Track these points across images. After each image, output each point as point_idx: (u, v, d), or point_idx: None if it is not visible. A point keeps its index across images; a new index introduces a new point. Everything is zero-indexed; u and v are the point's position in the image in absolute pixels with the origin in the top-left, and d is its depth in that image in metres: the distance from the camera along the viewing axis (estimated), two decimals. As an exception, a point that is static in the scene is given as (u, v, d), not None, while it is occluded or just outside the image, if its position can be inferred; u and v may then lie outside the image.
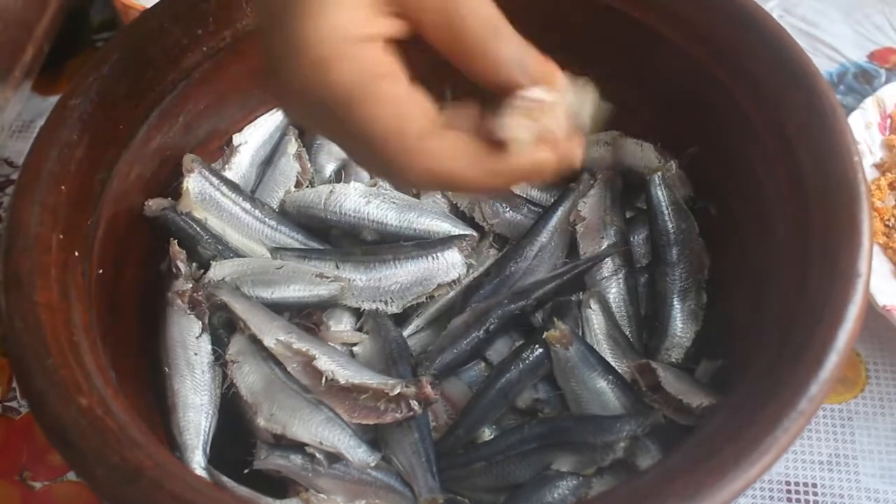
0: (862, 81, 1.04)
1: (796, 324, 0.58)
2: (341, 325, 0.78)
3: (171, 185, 0.78)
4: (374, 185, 0.83)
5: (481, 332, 0.74)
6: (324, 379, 0.68)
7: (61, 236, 0.63)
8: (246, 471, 0.69)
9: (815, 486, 0.79)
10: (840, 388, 0.84)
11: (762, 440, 0.52)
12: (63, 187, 0.65)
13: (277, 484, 0.70)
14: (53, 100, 1.04)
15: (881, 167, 0.92)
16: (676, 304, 0.77)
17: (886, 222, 0.88)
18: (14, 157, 1.02)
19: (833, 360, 0.55)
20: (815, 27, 1.09)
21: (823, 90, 0.66)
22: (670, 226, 0.78)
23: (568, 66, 0.83)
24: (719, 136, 0.75)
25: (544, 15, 0.81)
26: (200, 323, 0.73)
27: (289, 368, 0.70)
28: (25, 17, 0.99)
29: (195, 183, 0.78)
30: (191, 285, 0.73)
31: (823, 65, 1.05)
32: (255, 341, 0.71)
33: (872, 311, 0.81)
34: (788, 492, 0.78)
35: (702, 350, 0.76)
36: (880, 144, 0.93)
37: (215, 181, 0.79)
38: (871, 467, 0.79)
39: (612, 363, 0.73)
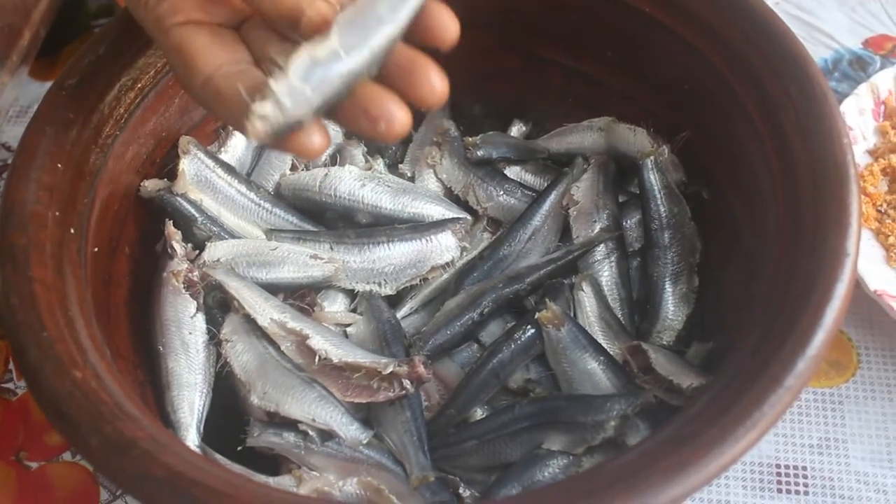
0: (857, 68, 1.04)
1: (785, 303, 0.58)
2: (335, 307, 0.78)
3: (167, 167, 0.79)
4: (369, 168, 0.84)
5: (475, 314, 0.75)
6: (317, 358, 0.69)
7: (57, 213, 0.63)
8: (239, 448, 0.69)
9: (804, 468, 0.79)
10: (832, 372, 0.84)
11: (749, 415, 0.53)
12: (59, 166, 0.65)
13: (270, 462, 0.71)
14: (51, 85, 1.05)
15: (874, 153, 0.93)
16: (668, 287, 0.77)
17: (879, 208, 0.89)
18: (11, 143, 1.02)
19: (820, 338, 0.55)
20: (811, 14, 1.09)
21: (815, 75, 0.66)
22: (662, 210, 0.79)
23: (563, 52, 0.85)
24: (712, 120, 0.76)
25: (536, 2, 0.82)
26: (195, 303, 0.73)
27: (282, 347, 0.71)
28: (22, 1, 0.99)
29: (191, 165, 0.78)
30: (186, 265, 0.74)
31: (818, 51, 1.05)
32: (250, 321, 0.72)
33: (864, 296, 0.82)
34: (778, 475, 0.79)
35: (693, 333, 0.77)
36: (874, 130, 0.94)
37: (211, 163, 0.79)
38: (861, 451, 0.80)
39: (604, 345, 0.74)
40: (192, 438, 0.70)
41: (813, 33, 1.07)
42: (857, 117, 0.93)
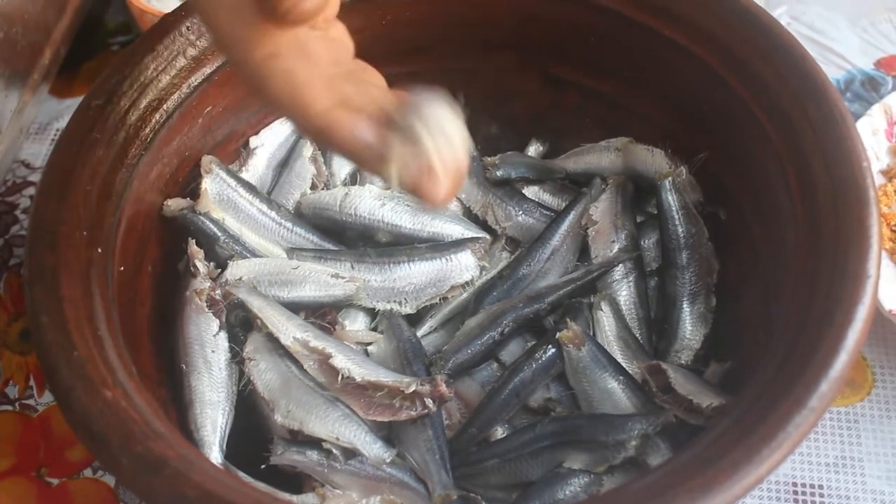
0: (869, 89, 1.05)
1: (806, 325, 0.59)
2: (356, 325, 0.79)
3: (189, 186, 0.79)
4: (389, 187, 0.84)
5: (496, 333, 0.75)
6: (340, 377, 0.69)
7: (85, 233, 0.64)
8: (262, 466, 0.70)
9: (821, 487, 0.80)
10: (847, 391, 0.85)
11: (774, 436, 0.53)
12: (87, 186, 0.66)
13: (292, 480, 0.71)
14: (69, 102, 1.06)
15: (888, 173, 0.93)
16: (686, 307, 0.78)
17: (893, 228, 0.89)
18: (31, 159, 1.02)
19: (843, 360, 0.56)
20: (823, 35, 1.10)
21: (833, 97, 0.67)
22: (680, 230, 0.79)
23: (580, 72, 0.85)
24: (730, 141, 0.76)
25: (555, 23, 0.83)
26: (218, 321, 0.74)
27: (305, 366, 0.71)
28: (44, 20, 1.00)
29: (213, 184, 0.79)
30: (209, 284, 0.74)
31: (830, 72, 1.06)
32: (272, 339, 0.73)
33: (879, 316, 0.82)
34: (795, 493, 0.79)
35: (711, 352, 0.77)
36: (887, 151, 0.94)
37: (233, 182, 0.80)
38: (877, 469, 0.80)
39: (623, 364, 0.74)
40: (215, 456, 0.70)
41: (825, 53, 1.08)
42: (870, 138, 0.93)
